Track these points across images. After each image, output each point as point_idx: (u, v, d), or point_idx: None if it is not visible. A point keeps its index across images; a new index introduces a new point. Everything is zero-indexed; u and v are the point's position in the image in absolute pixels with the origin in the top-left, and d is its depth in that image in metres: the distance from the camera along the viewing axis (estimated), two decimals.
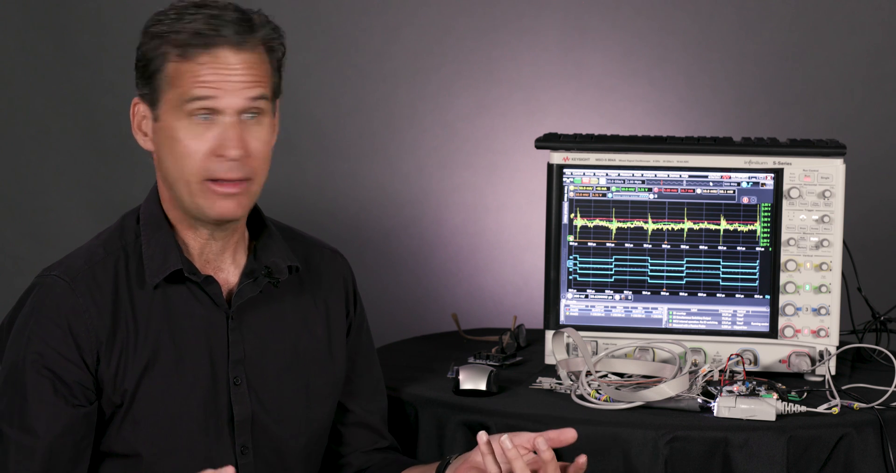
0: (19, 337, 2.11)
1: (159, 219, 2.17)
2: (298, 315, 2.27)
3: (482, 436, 2.04)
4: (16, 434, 2.07)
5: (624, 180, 2.72)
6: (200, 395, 2.15)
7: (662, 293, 2.73)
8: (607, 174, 2.73)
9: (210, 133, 2.08)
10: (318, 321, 2.30)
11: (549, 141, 2.75)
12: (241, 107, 2.08)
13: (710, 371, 2.53)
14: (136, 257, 2.15)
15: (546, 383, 2.60)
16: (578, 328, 2.69)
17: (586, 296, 2.75)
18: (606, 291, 2.75)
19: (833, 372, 2.64)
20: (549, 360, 2.73)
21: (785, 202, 2.67)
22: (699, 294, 2.72)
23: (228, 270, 2.21)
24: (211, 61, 2.07)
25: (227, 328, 2.18)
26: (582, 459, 2.05)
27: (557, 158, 2.73)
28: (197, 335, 2.16)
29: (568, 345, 2.70)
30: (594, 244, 2.74)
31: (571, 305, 2.75)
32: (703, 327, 2.73)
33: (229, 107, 2.07)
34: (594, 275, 2.74)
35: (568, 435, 2.05)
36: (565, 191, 2.73)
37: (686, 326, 2.73)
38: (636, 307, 2.74)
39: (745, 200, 2.69)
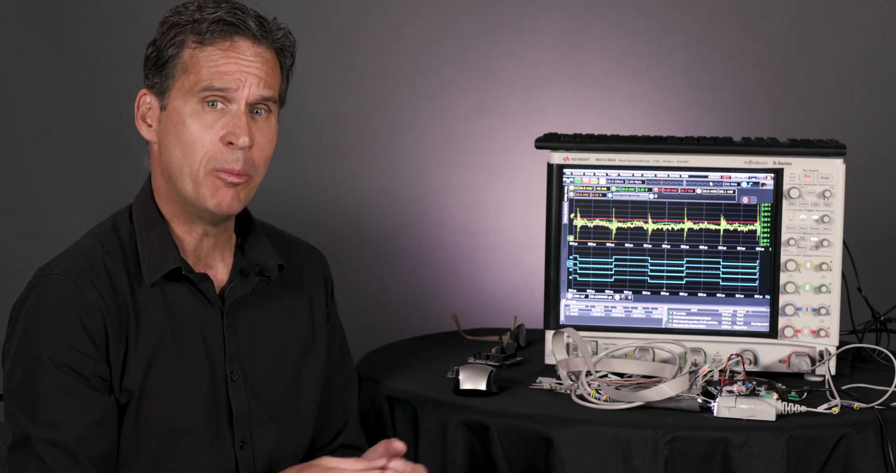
0: (28, 339, 2.09)
1: (154, 216, 2.18)
2: (284, 311, 2.30)
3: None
4: (44, 432, 2.05)
5: (624, 180, 2.72)
6: (202, 391, 2.16)
7: (662, 293, 2.73)
8: (607, 174, 2.73)
9: (220, 122, 2.11)
10: (303, 315, 2.33)
11: (549, 141, 2.75)
12: (253, 99, 2.12)
13: (710, 371, 2.53)
14: (132, 254, 2.16)
15: (546, 383, 2.60)
16: (578, 328, 2.69)
17: (586, 296, 2.75)
18: (606, 291, 2.75)
19: (833, 372, 2.64)
20: (549, 360, 2.73)
21: (785, 202, 2.67)
22: (699, 294, 2.72)
23: (218, 267, 2.23)
24: (231, 49, 2.11)
25: (221, 325, 2.19)
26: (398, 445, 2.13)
27: (557, 158, 2.73)
28: (194, 331, 2.17)
29: (568, 345, 2.70)
30: (594, 244, 2.74)
31: (571, 305, 2.75)
32: (703, 327, 2.73)
33: (242, 97, 2.11)
34: (594, 275, 2.74)
35: (396, 446, 2.13)
36: (565, 191, 2.73)
37: (686, 326, 2.73)
38: (636, 307, 2.74)
39: (745, 200, 2.70)
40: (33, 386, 2.07)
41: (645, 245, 2.73)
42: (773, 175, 2.68)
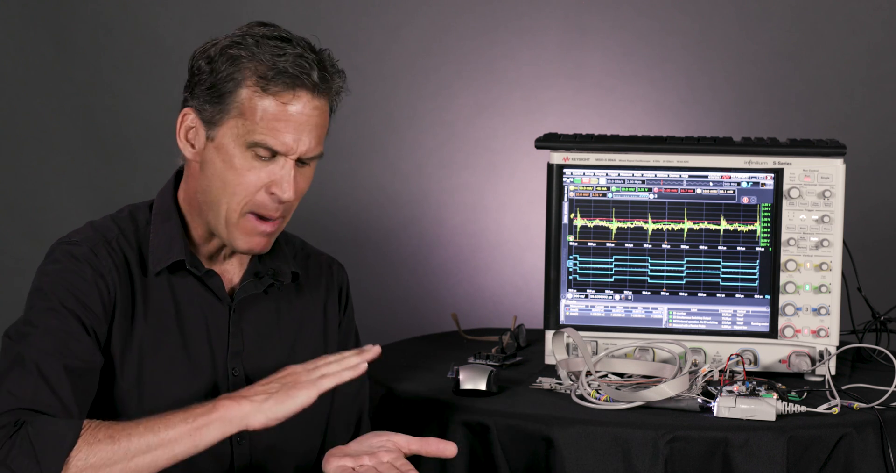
0: (42, 286, 2.11)
1: (170, 211, 2.21)
2: (296, 318, 2.31)
3: None
4: (35, 354, 2.05)
5: (624, 180, 2.72)
6: (202, 382, 2.18)
7: (662, 293, 2.73)
8: (607, 174, 2.73)
9: (266, 169, 2.11)
10: (316, 324, 2.34)
11: (549, 141, 2.75)
12: (304, 154, 2.11)
13: (710, 371, 2.53)
14: (144, 242, 2.19)
15: (546, 383, 2.60)
16: (578, 328, 2.69)
17: (586, 296, 2.75)
18: (606, 291, 2.75)
19: (833, 372, 2.64)
20: (549, 360, 2.73)
21: (785, 202, 2.67)
22: (699, 294, 2.72)
23: (233, 270, 2.25)
24: (292, 101, 2.08)
25: (228, 321, 2.21)
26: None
27: (557, 158, 2.73)
28: (198, 324, 2.19)
29: (568, 345, 2.70)
30: (594, 244, 2.74)
31: (571, 305, 2.75)
32: (703, 327, 2.73)
33: (294, 153, 2.10)
34: (594, 275, 2.74)
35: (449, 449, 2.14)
36: (565, 191, 2.73)
37: (686, 326, 2.73)
38: (636, 307, 2.74)
39: (745, 200, 2.69)
40: (34, 321, 2.08)
41: (645, 245, 2.73)
42: (773, 175, 2.68)
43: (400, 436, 2.17)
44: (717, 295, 2.72)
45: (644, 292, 2.73)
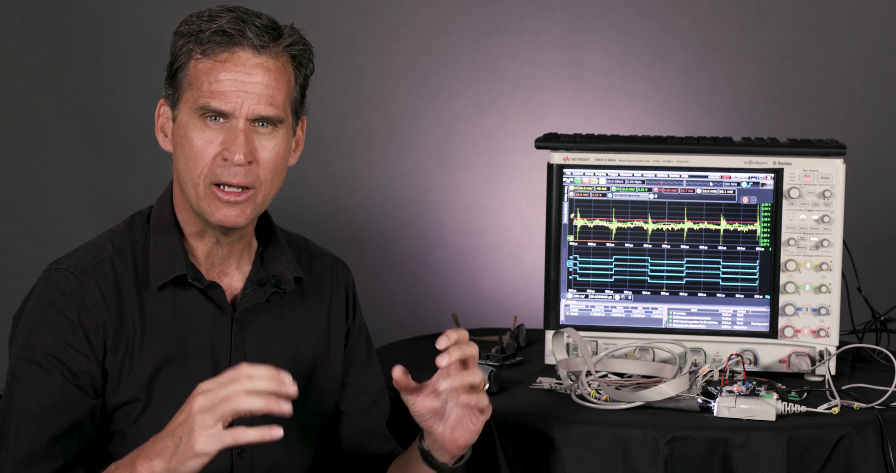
0: (27, 329, 2.11)
1: (169, 221, 2.18)
2: (299, 322, 2.28)
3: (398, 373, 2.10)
4: (19, 420, 2.06)
5: (624, 180, 2.72)
6: None
7: (662, 293, 2.73)
8: (607, 174, 2.73)
9: (220, 137, 2.09)
10: (319, 327, 2.32)
11: (549, 141, 2.75)
12: (251, 113, 2.09)
13: (710, 371, 2.53)
14: (143, 257, 2.16)
15: (546, 383, 2.60)
16: (578, 328, 2.69)
17: (586, 296, 2.75)
18: (606, 291, 2.75)
19: (833, 372, 2.64)
20: (549, 360, 2.73)
21: (785, 202, 2.68)
22: (699, 294, 2.72)
23: (233, 275, 2.22)
24: (229, 60, 2.07)
25: (230, 332, 2.18)
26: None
27: (557, 158, 2.73)
28: (201, 336, 2.16)
29: (568, 345, 2.70)
30: (594, 244, 2.74)
31: (571, 305, 2.75)
32: (703, 327, 2.73)
33: (240, 111, 2.08)
34: (594, 275, 2.74)
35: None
36: (565, 191, 2.73)
37: (686, 326, 2.73)
38: (636, 307, 2.74)
39: (745, 200, 2.70)
40: (18, 376, 2.08)
41: (645, 245, 2.73)
42: (773, 175, 2.68)
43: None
44: (717, 295, 2.72)
45: (644, 293, 2.74)
